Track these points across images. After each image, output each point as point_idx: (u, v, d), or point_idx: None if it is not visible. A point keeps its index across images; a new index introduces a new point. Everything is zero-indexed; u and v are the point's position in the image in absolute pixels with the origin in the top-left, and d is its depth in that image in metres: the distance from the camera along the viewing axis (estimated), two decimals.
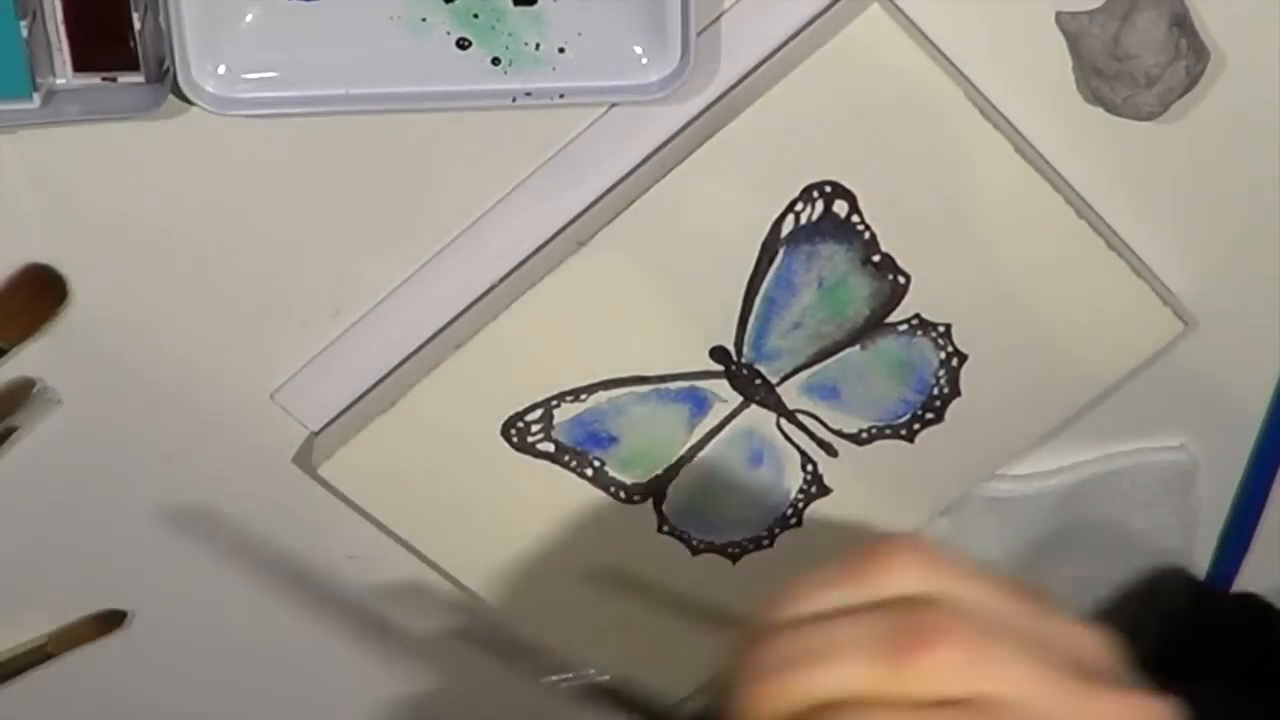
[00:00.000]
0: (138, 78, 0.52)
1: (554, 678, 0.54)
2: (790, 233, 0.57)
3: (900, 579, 0.40)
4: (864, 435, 0.61)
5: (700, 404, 0.60)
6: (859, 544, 0.42)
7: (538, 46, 0.53)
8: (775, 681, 0.39)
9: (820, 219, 0.57)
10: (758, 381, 0.60)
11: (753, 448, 0.61)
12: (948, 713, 0.38)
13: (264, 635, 0.67)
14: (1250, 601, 0.69)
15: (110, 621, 0.64)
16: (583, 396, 0.59)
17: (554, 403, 0.59)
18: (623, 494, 0.62)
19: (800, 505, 0.63)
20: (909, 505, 0.63)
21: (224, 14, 0.51)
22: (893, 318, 0.59)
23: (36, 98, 0.51)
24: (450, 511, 0.61)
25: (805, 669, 0.39)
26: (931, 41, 0.55)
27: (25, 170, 0.54)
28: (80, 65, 0.52)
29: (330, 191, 0.56)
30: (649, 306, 0.58)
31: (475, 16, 0.52)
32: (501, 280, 0.59)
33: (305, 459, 0.61)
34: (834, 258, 0.58)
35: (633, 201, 0.56)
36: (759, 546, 0.64)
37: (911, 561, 0.40)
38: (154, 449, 0.61)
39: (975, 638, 0.39)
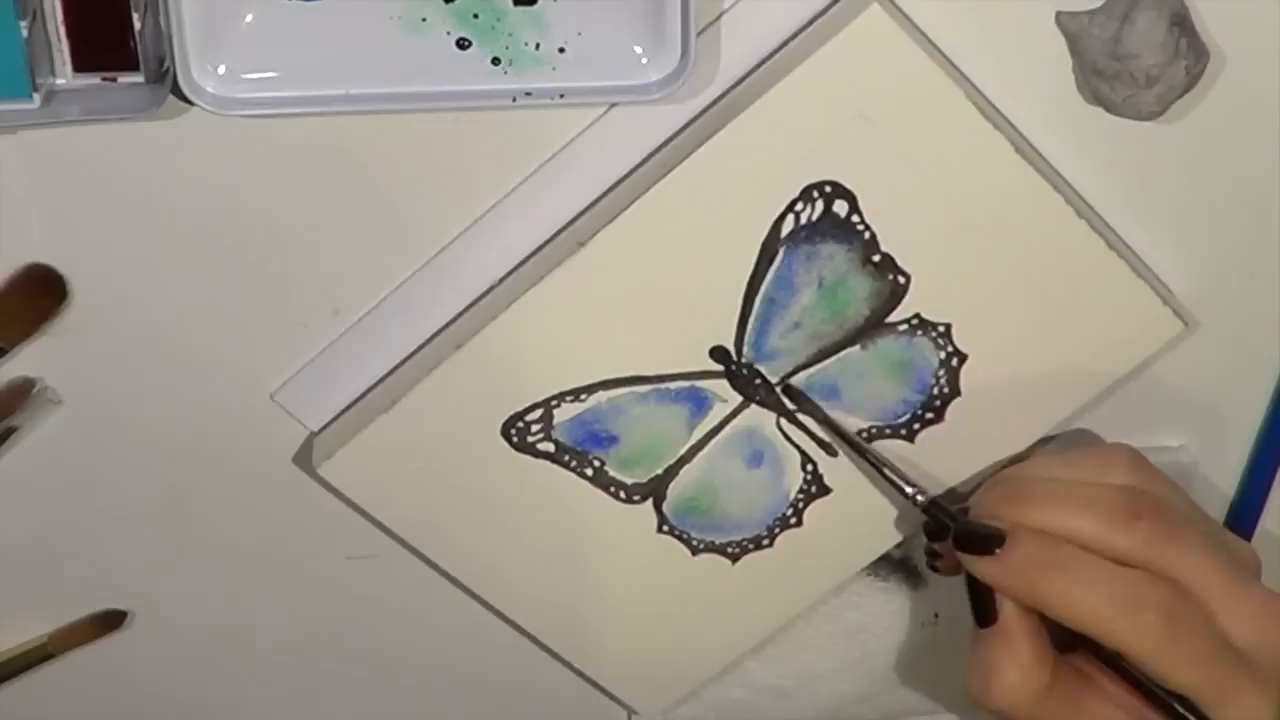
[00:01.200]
0: (138, 78, 0.52)
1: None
2: (790, 233, 0.57)
3: (1124, 472, 0.57)
4: (864, 435, 0.61)
5: (700, 404, 0.60)
6: (1091, 446, 0.62)
7: (538, 46, 0.53)
8: (1035, 507, 0.55)
9: (820, 219, 0.57)
10: (758, 381, 0.60)
11: (753, 448, 0.61)
12: (1140, 573, 0.53)
13: (264, 635, 0.67)
14: None
15: (110, 621, 0.64)
16: (583, 396, 0.59)
17: (554, 403, 0.59)
18: (623, 494, 0.62)
19: (800, 505, 0.63)
20: (909, 505, 0.63)
21: (224, 14, 0.51)
22: (893, 318, 0.59)
23: (36, 98, 0.51)
24: (450, 511, 0.61)
25: (1057, 506, 0.55)
26: (931, 41, 0.55)
27: (25, 170, 0.54)
28: (80, 65, 0.52)
29: (330, 191, 0.56)
30: (649, 306, 0.58)
31: (475, 16, 0.52)
32: (501, 280, 0.59)
33: (305, 459, 0.61)
34: (834, 258, 0.58)
35: (633, 201, 0.56)
36: (759, 546, 0.64)
37: (1133, 461, 0.57)
38: (154, 449, 0.61)
39: (1173, 520, 0.55)
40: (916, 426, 0.61)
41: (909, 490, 0.59)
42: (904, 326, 0.59)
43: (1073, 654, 0.57)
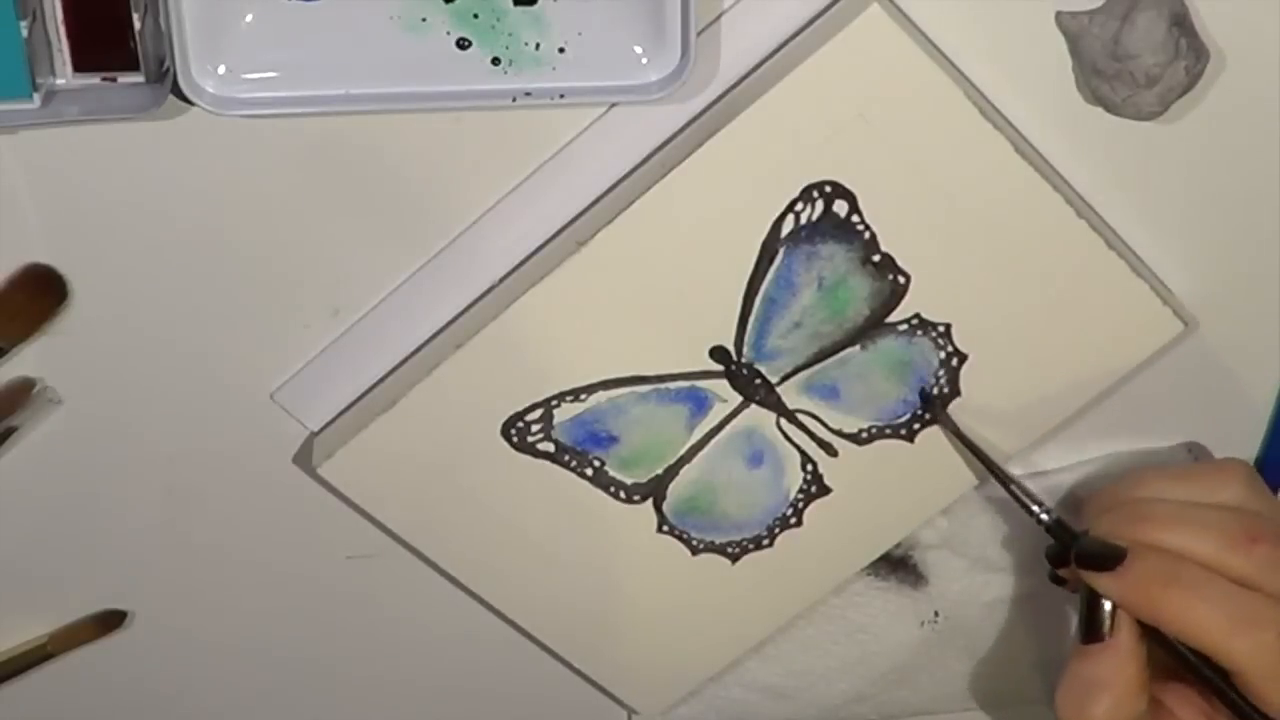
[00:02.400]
0: (138, 78, 0.52)
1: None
2: (790, 233, 0.57)
3: (1238, 490, 0.57)
4: (864, 435, 0.61)
5: (700, 404, 0.60)
6: (1199, 462, 0.63)
7: (538, 46, 0.53)
8: (1154, 527, 0.55)
9: (820, 219, 0.57)
10: (758, 381, 0.60)
11: (753, 448, 0.61)
12: (1260, 595, 0.54)
13: (264, 635, 0.67)
14: None
15: (110, 621, 0.64)
16: (583, 396, 0.59)
17: (554, 403, 0.59)
18: (623, 494, 0.62)
19: (800, 505, 0.63)
20: (909, 505, 0.63)
21: (224, 14, 0.51)
22: (893, 318, 0.59)
23: (36, 98, 0.51)
24: (450, 511, 0.61)
25: (1176, 528, 0.55)
26: (931, 41, 0.55)
27: (25, 170, 0.54)
28: (80, 65, 0.52)
29: (330, 191, 0.56)
30: (649, 306, 0.58)
31: (475, 16, 0.52)
32: (501, 280, 0.59)
33: (305, 459, 0.61)
34: (834, 258, 0.58)
35: (633, 201, 0.56)
36: (759, 546, 0.64)
37: (1247, 481, 0.57)
38: (154, 449, 0.61)
39: None
40: (916, 426, 0.61)
41: (1034, 509, 0.59)
42: (904, 326, 0.59)
43: (1152, 681, 0.57)
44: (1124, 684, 0.55)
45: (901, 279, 0.58)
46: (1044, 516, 0.59)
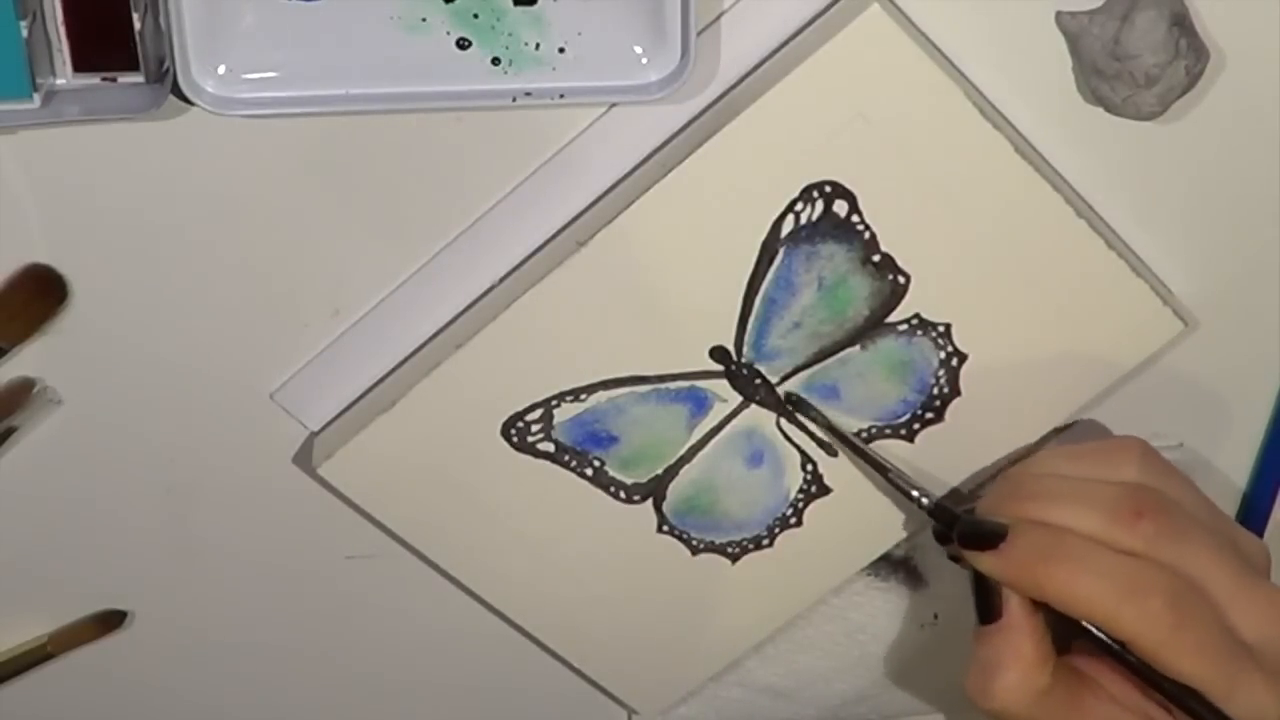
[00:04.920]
0: (138, 78, 0.52)
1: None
2: (790, 233, 0.57)
3: (1132, 467, 0.56)
4: (864, 435, 0.61)
5: (700, 404, 0.60)
6: (1098, 440, 0.60)
7: (538, 46, 0.53)
8: (1038, 504, 0.55)
9: (820, 219, 0.57)
10: (758, 381, 0.60)
11: (753, 448, 0.61)
12: (1145, 561, 0.53)
13: (264, 635, 0.67)
14: None
15: (110, 621, 0.64)
16: (583, 396, 0.59)
17: (554, 403, 0.59)
18: (622, 494, 0.62)
19: (800, 505, 0.63)
20: (909, 505, 0.63)
21: (224, 14, 0.51)
22: (893, 318, 0.59)
23: (36, 98, 0.51)
24: (450, 511, 0.61)
25: (1061, 504, 0.55)
26: (931, 41, 0.55)
27: (25, 170, 0.54)
28: (80, 65, 0.52)
29: (330, 191, 0.56)
30: (649, 306, 0.58)
31: (475, 16, 0.52)
32: (501, 280, 0.59)
33: (305, 459, 0.61)
34: (834, 258, 0.58)
35: (633, 201, 0.56)
36: (759, 546, 0.64)
37: (1142, 457, 0.56)
38: (154, 449, 0.61)
39: (1178, 518, 0.54)
40: (916, 426, 0.61)
41: (914, 493, 0.59)
42: (904, 326, 0.59)
43: (1070, 655, 0.57)
44: (1022, 660, 0.55)
45: (901, 279, 0.58)
46: (924, 501, 0.59)
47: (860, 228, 0.57)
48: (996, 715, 0.56)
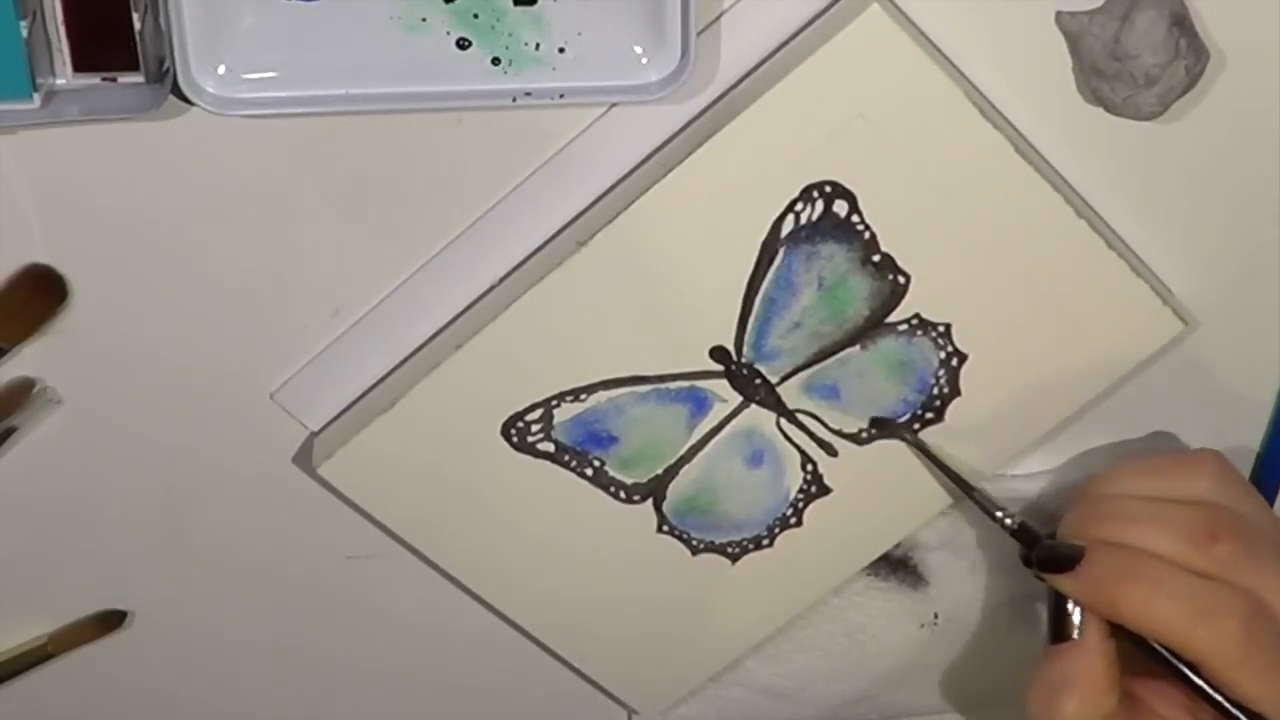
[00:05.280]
0: (138, 78, 0.52)
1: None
2: (790, 233, 0.57)
3: (1207, 483, 0.56)
4: (864, 435, 0.61)
5: (700, 404, 0.60)
6: (1174, 452, 0.62)
7: (538, 46, 0.53)
8: (1115, 526, 0.55)
9: (820, 219, 0.57)
10: (758, 381, 0.60)
11: (753, 448, 0.61)
12: (1219, 583, 0.53)
13: (264, 635, 0.67)
14: None
15: (110, 621, 0.64)
16: (583, 396, 0.59)
17: (554, 403, 0.59)
18: (623, 494, 0.62)
19: (800, 505, 0.63)
20: (909, 505, 0.63)
21: (224, 14, 0.51)
22: (893, 318, 0.59)
23: (36, 98, 0.51)
24: (450, 511, 0.61)
25: (1137, 526, 0.55)
26: (931, 41, 0.55)
27: (25, 170, 0.54)
28: (80, 65, 0.52)
29: (331, 191, 0.56)
30: (649, 306, 0.58)
31: (475, 16, 0.52)
32: (501, 280, 0.59)
33: (305, 459, 0.61)
34: (834, 258, 0.58)
35: (633, 201, 0.56)
36: (759, 546, 0.64)
37: (1217, 473, 0.56)
38: (154, 449, 0.61)
39: (1254, 542, 0.54)
40: (917, 426, 0.61)
41: (997, 514, 0.59)
42: (904, 326, 0.59)
43: (1125, 678, 0.57)
44: (1092, 682, 0.55)
45: (901, 279, 0.58)
46: (1008, 521, 0.59)
47: (860, 228, 0.57)
48: None
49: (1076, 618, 0.56)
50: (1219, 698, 0.54)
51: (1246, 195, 0.60)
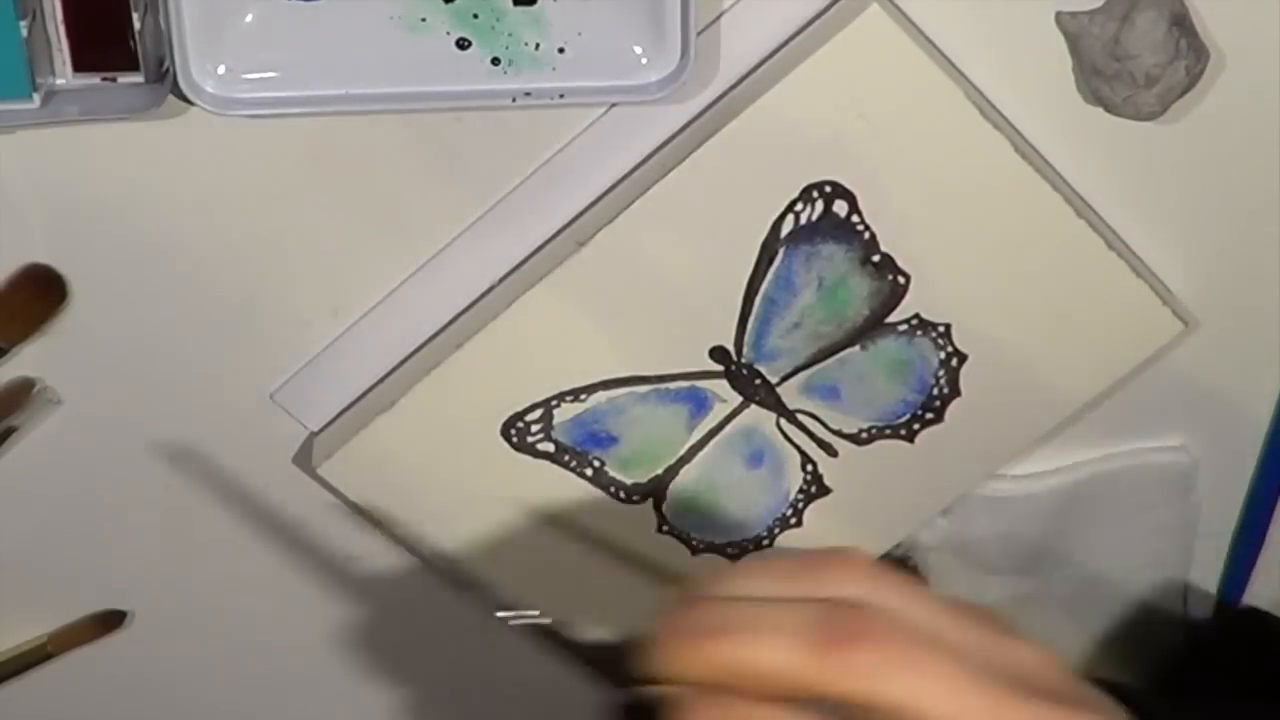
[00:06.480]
0: (138, 78, 0.52)
1: (504, 614, 0.55)
2: (790, 233, 0.57)
3: (836, 583, 0.41)
4: (864, 435, 0.61)
5: (700, 404, 0.60)
6: (807, 550, 0.43)
7: (538, 46, 0.53)
8: (698, 644, 0.40)
9: (820, 219, 0.57)
10: (758, 381, 0.60)
11: (752, 448, 0.61)
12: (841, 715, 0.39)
13: (264, 635, 0.67)
14: (1253, 615, 0.69)
15: (110, 621, 0.64)
16: (583, 396, 0.59)
17: (554, 403, 0.59)
18: (622, 494, 0.62)
19: (800, 505, 0.63)
20: (909, 505, 0.63)
21: (224, 14, 0.51)
22: (893, 318, 0.59)
23: (36, 98, 0.51)
24: (450, 512, 0.61)
25: (730, 638, 0.40)
26: (931, 41, 0.55)
27: (25, 170, 0.54)
28: (80, 65, 0.52)
29: (331, 191, 0.56)
30: (649, 306, 0.58)
31: (475, 16, 0.52)
32: (501, 280, 0.59)
33: (305, 459, 0.61)
34: (834, 258, 0.58)
35: (633, 201, 0.56)
36: (759, 546, 0.64)
37: (851, 570, 0.41)
38: (154, 449, 0.61)
39: (899, 644, 0.39)
40: (916, 426, 0.61)
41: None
42: (904, 326, 0.59)
43: None
44: None
45: (901, 279, 0.58)
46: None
47: (860, 228, 0.57)
48: None
49: None
50: None
51: (1246, 195, 0.60)
